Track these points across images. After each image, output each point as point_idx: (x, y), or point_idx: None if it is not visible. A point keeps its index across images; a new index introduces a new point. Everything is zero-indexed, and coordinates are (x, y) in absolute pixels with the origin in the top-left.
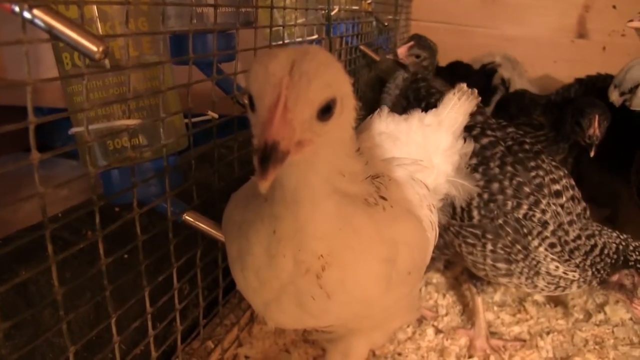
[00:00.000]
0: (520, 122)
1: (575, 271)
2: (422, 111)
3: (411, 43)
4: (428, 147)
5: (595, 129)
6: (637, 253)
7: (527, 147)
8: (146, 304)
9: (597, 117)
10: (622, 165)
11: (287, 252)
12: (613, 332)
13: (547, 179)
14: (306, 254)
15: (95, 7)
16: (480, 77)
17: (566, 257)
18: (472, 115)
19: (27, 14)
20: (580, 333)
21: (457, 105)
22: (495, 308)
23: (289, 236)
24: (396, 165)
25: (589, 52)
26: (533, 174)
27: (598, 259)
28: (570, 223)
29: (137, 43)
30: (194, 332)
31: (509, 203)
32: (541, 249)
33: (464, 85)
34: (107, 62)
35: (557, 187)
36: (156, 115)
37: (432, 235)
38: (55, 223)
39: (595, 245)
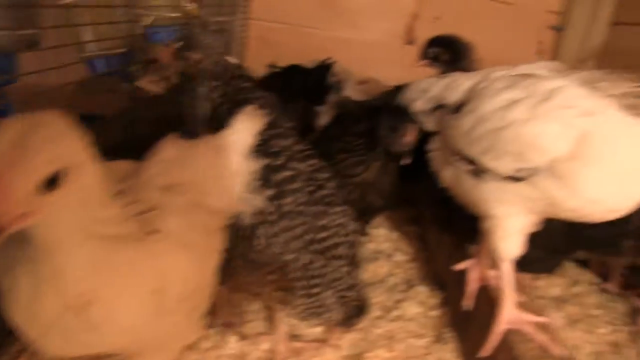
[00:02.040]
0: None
1: None
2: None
3: (175, 46)
4: (217, 170)
5: (407, 137)
6: None
7: (325, 192)
8: None
9: (408, 126)
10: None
11: (49, 291)
12: (404, 327)
13: (330, 242)
14: (67, 295)
15: None
16: (316, 75)
17: None
18: (278, 137)
19: None
20: (375, 330)
21: (246, 127)
22: None
23: (49, 278)
24: (181, 192)
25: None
26: (322, 235)
27: None
28: None
29: None
30: None
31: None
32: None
33: (252, 107)
34: None
35: (337, 252)
36: None
37: (212, 261)
38: None
39: None
